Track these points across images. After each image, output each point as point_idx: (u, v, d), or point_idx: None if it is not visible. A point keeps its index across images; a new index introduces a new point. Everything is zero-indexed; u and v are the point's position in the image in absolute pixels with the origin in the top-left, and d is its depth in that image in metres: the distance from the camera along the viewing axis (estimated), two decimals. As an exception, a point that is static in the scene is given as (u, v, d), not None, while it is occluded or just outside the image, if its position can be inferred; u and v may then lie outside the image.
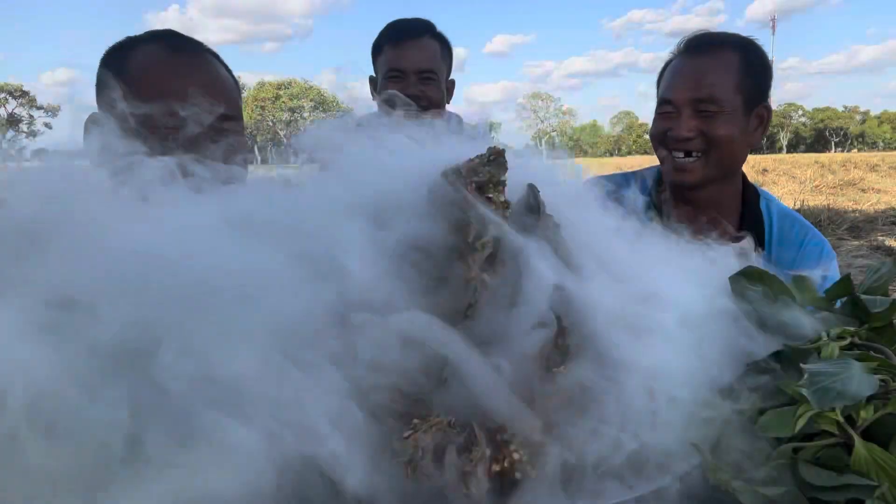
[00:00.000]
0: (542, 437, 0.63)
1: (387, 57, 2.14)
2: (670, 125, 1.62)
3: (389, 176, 0.78)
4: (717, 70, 1.57)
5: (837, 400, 0.59)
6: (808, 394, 0.60)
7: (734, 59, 1.57)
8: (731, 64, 1.57)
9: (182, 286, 0.55)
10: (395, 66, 2.12)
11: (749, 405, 0.67)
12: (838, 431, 0.63)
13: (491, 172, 0.80)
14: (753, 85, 1.57)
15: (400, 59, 2.11)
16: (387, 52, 2.14)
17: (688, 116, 1.58)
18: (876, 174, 17.92)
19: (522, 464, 0.61)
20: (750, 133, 1.61)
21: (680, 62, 1.64)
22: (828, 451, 0.62)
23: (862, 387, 0.60)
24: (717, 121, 1.56)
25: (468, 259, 0.73)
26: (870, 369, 0.64)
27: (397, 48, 2.12)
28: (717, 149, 1.57)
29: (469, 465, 0.59)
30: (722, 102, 1.55)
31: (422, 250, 0.73)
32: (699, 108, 1.56)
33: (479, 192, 0.78)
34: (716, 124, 1.56)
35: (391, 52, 2.13)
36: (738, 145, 1.59)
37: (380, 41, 2.18)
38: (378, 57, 2.21)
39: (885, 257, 2.81)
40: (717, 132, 1.56)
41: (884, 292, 0.86)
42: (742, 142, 1.60)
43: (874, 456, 0.60)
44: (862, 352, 0.70)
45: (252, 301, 0.58)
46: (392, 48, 2.13)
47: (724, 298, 0.79)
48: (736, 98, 1.56)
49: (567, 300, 0.68)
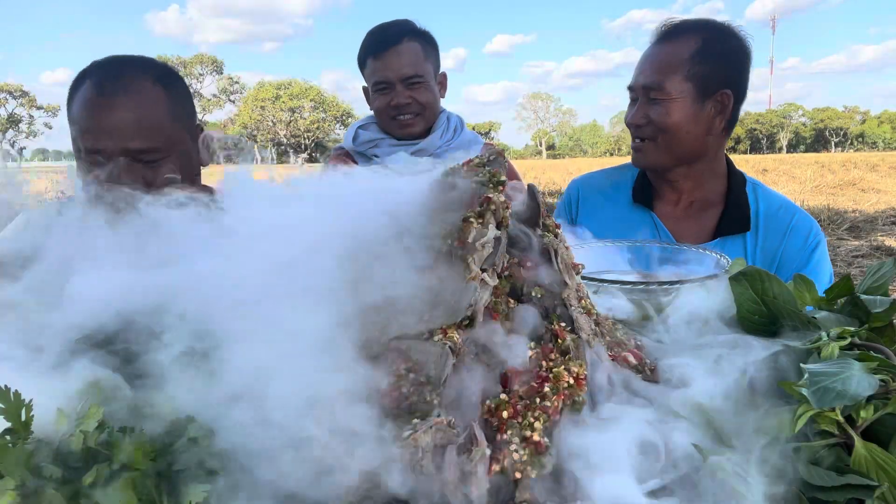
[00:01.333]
0: (542, 438, 0.63)
1: (371, 69, 2.14)
2: (631, 112, 1.68)
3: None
4: (668, 58, 1.60)
5: (837, 400, 0.59)
6: (808, 394, 0.60)
7: (689, 46, 1.59)
8: (684, 51, 1.59)
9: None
10: (381, 77, 2.12)
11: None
12: (838, 431, 0.63)
13: (491, 172, 0.80)
14: (710, 71, 1.58)
15: (383, 69, 2.11)
16: (370, 65, 2.14)
17: (641, 104, 1.64)
18: (876, 174, 17.91)
19: (523, 464, 0.61)
20: (707, 120, 1.62)
21: (647, 50, 1.69)
22: (828, 451, 0.62)
23: (862, 387, 0.60)
24: (664, 108, 1.59)
25: (468, 259, 0.73)
26: (870, 369, 0.64)
27: (379, 59, 2.11)
28: (666, 135, 1.61)
29: (469, 464, 0.59)
30: (668, 90, 1.58)
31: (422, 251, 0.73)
32: (650, 96, 1.61)
33: (479, 192, 0.78)
34: (662, 111, 1.60)
35: (374, 64, 2.13)
36: (691, 131, 1.62)
37: (362, 54, 2.18)
38: (364, 69, 2.21)
39: (885, 257, 2.80)
40: (663, 119, 1.60)
41: (884, 292, 0.86)
42: (696, 128, 1.61)
43: (874, 456, 0.60)
44: (862, 352, 0.70)
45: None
46: (374, 60, 2.12)
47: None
48: (684, 85, 1.58)
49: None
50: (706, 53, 1.58)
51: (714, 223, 1.69)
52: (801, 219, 1.67)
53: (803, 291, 0.90)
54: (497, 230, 0.75)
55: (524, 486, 0.60)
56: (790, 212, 1.68)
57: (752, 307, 0.86)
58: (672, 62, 1.59)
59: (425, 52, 2.15)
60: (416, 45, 2.13)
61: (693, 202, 1.73)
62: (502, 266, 0.77)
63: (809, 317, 0.83)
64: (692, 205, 1.73)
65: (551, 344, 0.74)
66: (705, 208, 1.72)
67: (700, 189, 1.72)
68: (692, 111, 1.60)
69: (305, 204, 0.81)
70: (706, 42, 1.59)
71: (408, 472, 0.58)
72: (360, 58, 2.19)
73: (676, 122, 1.60)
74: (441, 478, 0.59)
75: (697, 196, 1.72)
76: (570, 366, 0.71)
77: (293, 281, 0.67)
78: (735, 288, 0.87)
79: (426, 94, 2.16)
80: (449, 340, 0.67)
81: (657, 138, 1.63)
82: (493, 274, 0.74)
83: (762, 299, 0.85)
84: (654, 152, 1.65)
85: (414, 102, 2.13)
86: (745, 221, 1.66)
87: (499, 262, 0.75)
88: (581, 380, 0.70)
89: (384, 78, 2.10)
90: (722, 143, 1.70)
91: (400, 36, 2.10)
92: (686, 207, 1.74)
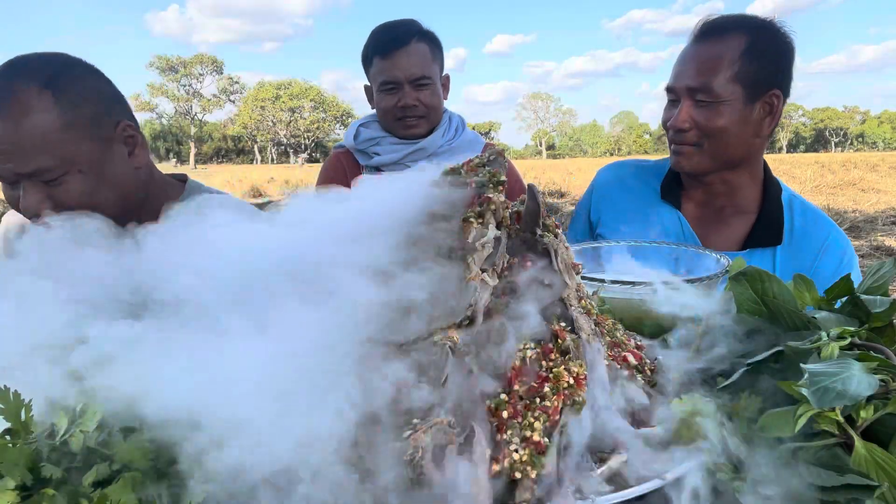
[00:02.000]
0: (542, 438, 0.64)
1: (378, 68, 2.12)
2: (672, 114, 1.57)
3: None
4: (714, 57, 1.49)
5: (837, 400, 0.59)
6: (808, 394, 0.60)
7: (737, 46, 1.49)
8: (732, 51, 1.48)
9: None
10: (388, 77, 2.09)
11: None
12: (838, 431, 0.63)
13: (491, 172, 0.80)
14: (759, 71, 1.49)
15: (391, 69, 2.09)
16: (377, 64, 2.11)
17: (685, 106, 1.53)
18: (876, 174, 17.91)
19: (523, 464, 0.61)
20: (756, 122, 1.53)
21: (687, 48, 1.58)
22: (828, 451, 0.62)
23: (862, 387, 0.60)
24: (712, 111, 1.50)
25: (468, 259, 0.73)
26: (869, 369, 0.64)
27: (387, 59, 2.09)
28: (713, 139, 1.52)
29: (469, 465, 0.59)
30: (717, 93, 1.48)
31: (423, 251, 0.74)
32: (695, 98, 1.51)
33: (479, 192, 0.78)
34: (711, 115, 1.50)
35: (381, 63, 2.10)
36: (739, 135, 1.52)
37: (368, 51, 2.15)
38: (369, 67, 2.18)
39: (885, 257, 2.80)
40: (712, 123, 1.50)
41: (884, 292, 0.86)
42: (744, 131, 1.52)
43: (874, 456, 0.60)
44: (862, 352, 0.70)
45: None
46: (381, 59, 2.10)
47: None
48: (734, 87, 1.49)
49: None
50: (755, 52, 1.48)
51: (744, 232, 1.60)
52: (836, 238, 1.57)
53: (803, 291, 0.90)
54: (497, 230, 0.75)
55: (524, 487, 0.60)
56: (826, 229, 1.58)
57: (752, 307, 0.86)
58: (719, 62, 1.49)
59: (432, 53, 2.15)
60: (425, 46, 2.12)
61: (725, 207, 1.64)
62: (502, 266, 0.77)
63: (809, 317, 0.83)
64: (724, 210, 1.64)
65: (551, 344, 0.74)
66: (737, 215, 1.62)
67: (735, 195, 1.62)
68: (742, 114, 1.51)
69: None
70: (754, 40, 1.49)
71: (408, 471, 0.58)
72: (365, 55, 2.17)
73: (725, 126, 1.50)
74: (442, 478, 0.59)
75: (731, 202, 1.63)
76: (570, 366, 0.71)
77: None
78: (735, 288, 0.87)
79: (432, 96, 2.15)
80: (449, 340, 0.67)
81: (702, 142, 1.53)
82: (493, 274, 0.74)
83: (762, 299, 0.85)
84: (697, 156, 1.55)
85: (420, 104, 2.12)
86: (777, 234, 1.56)
87: (499, 262, 0.75)
88: (581, 380, 0.70)
89: (392, 78, 2.09)
90: (764, 146, 1.61)
91: (409, 36, 2.09)
92: (717, 212, 1.64)
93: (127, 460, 0.57)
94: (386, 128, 2.21)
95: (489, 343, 0.73)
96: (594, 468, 0.65)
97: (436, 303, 0.70)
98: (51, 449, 0.58)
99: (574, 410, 0.68)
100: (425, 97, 2.13)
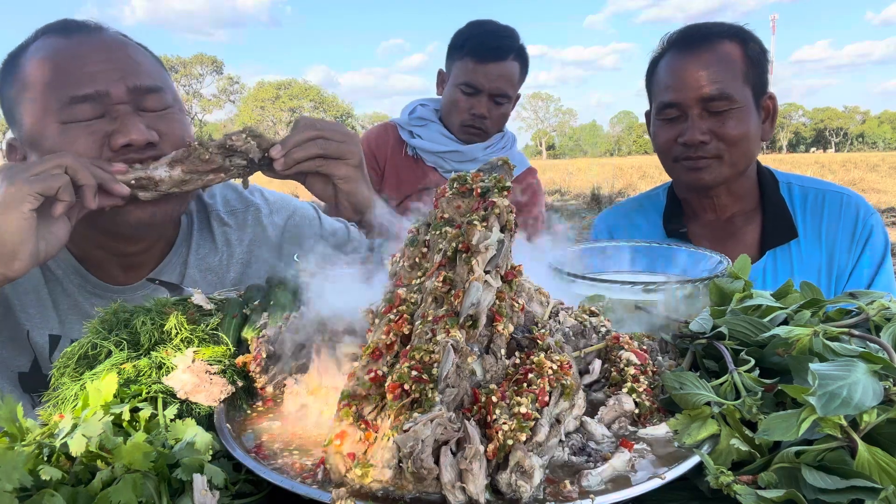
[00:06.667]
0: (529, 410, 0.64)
1: (466, 68, 2.13)
2: (678, 131, 1.49)
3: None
4: (721, 63, 1.44)
5: (842, 409, 0.59)
6: (814, 400, 0.60)
7: (736, 50, 1.46)
8: (734, 55, 1.45)
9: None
10: (473, 82, 2.11)
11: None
12: (841, 435, 0.63)
13: (496, 178, 0.81)
14: (758, 75, 1.47)
15: (479, 77, 2.11)
16: (467, 63, 2.12)
17: (698, 118, 1.45)
18: (876, 174, 17.91)
19: (512, 431, 0.62)
20: (761, 126, 1.52)
21: (676, 59, 1.50)
22: (831, 454, 0.62)
23: (867, 396, 0.60)
24: (730, 118, 1.45)
25: (472, 261, 0.74)
26: (873, 371, 0.64)
27: (480, 65, 2.10)
28: (734, 148, 1.47)
29: (464, 462, 0.60)
30: (735, 98, 1.44)
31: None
32: (710, 107, 1.44)
33: (484, 197, 0.80)
34: (729, 123, 1.45)
35: (472, 65, 2.11)
36: (755, 140, 1.50)
37: (463, 45, 2.14)
38: (455, 60, 2.18)
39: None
40: (731, 132, 1.45)
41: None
42: (755, 137, 1.50)
43: (877, 459, 0.60)
44: (865, 352, 0.69)
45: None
46: (475, 62, 2.11)
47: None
48: (745, 91, 1.46)
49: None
50: (751, 57, 1.47)
51: (757, 236, 1.57)
52: (848, 201, 1.54)
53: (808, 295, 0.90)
54: (501, 233, 0.76)
55: (516, 449, 0.61)
56: (836, 196, 1.55)
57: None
58: (729, 66, 1.45)
59: (520, 73, 2.18)
60: (517, 65, 2.16)
61: (732, 217, 1.61)
62: (506, 269, 0.77)
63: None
64: (732, 220, 1.61)
65: (534, 348, 0.76)
66: (745, 222, 1.60)
67: (739, 201, 1.60)
68: (755, 118, 1.49)
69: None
70: (746, 45, 1.48)
71: (408, 464, 0.58)
72: (457, 45, 2.17)
73: (746, 132, 1.46)
74: (439, 475, 0.59)
75: (736, 209, 1.60)
76: (552, 356, 0.73)
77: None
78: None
79: (502, 117, 2.21)
80: (452, 339, 0.67)
81: (722, 153, 1.47)
82: (497, 276, 0.75)
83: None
84: (718, 169, 1.49)
85: (489, 117, 2.16)
86: (790, 228, 1.53)
87: (502, 265, 0.76)
88: (566, 366, 0.72)
89: (477, 84, 2.11)
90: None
91: (509, 52, 2.12)
92: (725, 224, 1.62)
93: (127, 462, 0.57)
94: (446, 120, 2.23)
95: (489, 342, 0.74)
96: (594, 467, 0.65)
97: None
98: (51, 451, 0.57)
99: (565, 394, 0.69)
100: (496, 112, 2.17)
